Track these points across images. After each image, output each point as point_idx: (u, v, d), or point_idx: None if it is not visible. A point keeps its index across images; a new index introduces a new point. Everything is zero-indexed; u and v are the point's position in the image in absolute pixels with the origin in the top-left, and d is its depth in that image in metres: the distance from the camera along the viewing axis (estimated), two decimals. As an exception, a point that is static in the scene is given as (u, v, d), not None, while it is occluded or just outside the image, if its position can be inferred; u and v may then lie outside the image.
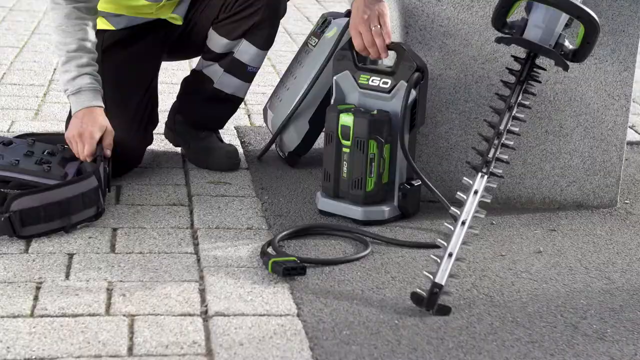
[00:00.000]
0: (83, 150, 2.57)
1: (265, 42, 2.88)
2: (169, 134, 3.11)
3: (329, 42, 2.90)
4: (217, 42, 2.89)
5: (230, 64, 2.90)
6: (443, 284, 2.10)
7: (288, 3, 2.94)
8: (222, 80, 2.92)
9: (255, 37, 2.85)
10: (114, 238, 2.42)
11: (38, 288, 2.12)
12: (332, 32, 2.92)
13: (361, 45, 2.57)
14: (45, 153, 2.62)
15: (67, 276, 2.19)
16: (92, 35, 2.63)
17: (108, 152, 2.60)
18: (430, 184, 2.62)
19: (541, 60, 2.52)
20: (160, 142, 3.17)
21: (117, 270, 2.23)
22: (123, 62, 2.83)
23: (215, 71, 2.93)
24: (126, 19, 2.85)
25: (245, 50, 2.88)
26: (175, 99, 3.11)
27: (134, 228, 2.49)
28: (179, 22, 2.91)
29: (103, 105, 2.63)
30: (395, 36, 2.77)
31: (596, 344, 2.02)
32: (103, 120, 2.60)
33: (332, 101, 2.65)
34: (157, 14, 2.87)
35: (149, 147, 2.97)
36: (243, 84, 2.93)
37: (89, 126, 2.57)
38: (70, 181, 2.45)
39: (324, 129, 2.63)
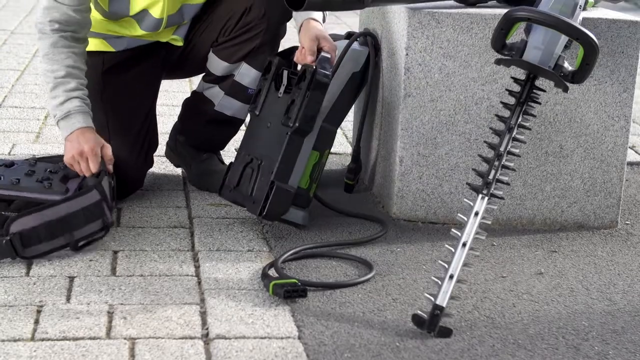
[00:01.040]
0: (87, 167, 2.56)
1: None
2: (170, 154, 3.11)
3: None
4: (217, 65, 2.90)
5: (231, 86, 2.90)
6: (444, 305, 2.10)
7: (287, 24, 2.95)
8: (223, 102, 2.93)
9: (256, 61, 2.85)
10: (114, 261, 2.42)
11: (39, 311, 2.12)
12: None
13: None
14: (46, 171, 2.62)
15: (68, 299, 2.19)
16: (80, 62, 2.64)
17: (110, 168, 2.59)
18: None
19: (541, 82, 2.53)
20: (160, 165, 3.17)
21: (118, 293, 2.23)
22: (124, 85, 2.84)
23: (216, 93, 2.93)
24: (126, 40, 2.86)
25: (245, 73, 2.88)
26: (176, 120, 3.11)
27: (135, 251, 2.49)
28: (180, 43, 2.91)
29: (93, 127, 2.62)
30: (395, 58, 2.78)
31: (598, 366, 2.01)
32: (98, 137, 2.60)
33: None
34: (157, 38, 2.88)
35: (149, 170, 2.97)
36: (244, 106, 2.94)
37: (86, 144, 2.56)
38: (69, 197, 2.44)
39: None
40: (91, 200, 2.44)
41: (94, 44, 2.81)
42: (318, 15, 2.74)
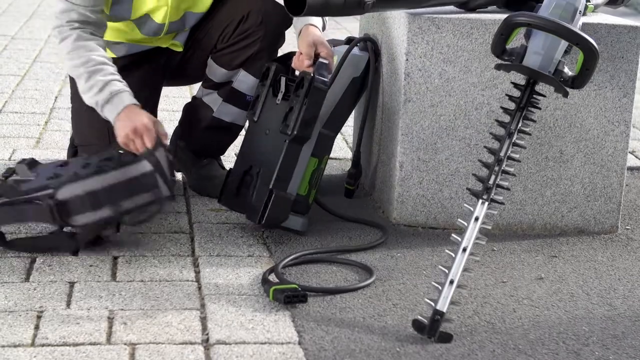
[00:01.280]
0: (143, 144, 2.51)
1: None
2: (171, 158, 3.11)
3: (331, 70, 2.91)
4: (216, 71, 2.90)
5: (229, 93, 2.91)
6: (444, 311, 2.10)
7: (287, 31, 2.95)
8: (221, 109, 2.93)
9: (254, 68, 2.85)
10: (115, 266, 2.42)
11: (39, 317, 2.12)
12: (334, 59, 2.93)
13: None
14: (101, 160, 2.56)
15: (68, 305, 2.19)
16: (104, 53, 2.64)
17: (167, 142, 2.55)
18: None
19: (541, 87, 2.52)
20: (161, 170, 3.17)
21: (118, 299, 2.23)
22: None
23: (214, 100, 2.94)
24: (126, 46, 2.86)
25: (243, 80, 2.89)
26: (176, 125, 3.11)
27: (135, 256, 2.49)
28: (180, 49, 2.92)
29: (138, 103, 2.59)
30: (395, 63, 2.79)
31: (598, 371, 2.01)
32: (147, 113, 2.57)
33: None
34: (157, 43, 2.88)
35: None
36: (242, 113, 2.94)
37: (139, 120, 2.53)
38: (116, 166, 2.40)
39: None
40: (141, 171, 2.39)
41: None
42: (317, 21, 2.75)
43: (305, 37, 2.67)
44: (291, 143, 2.60)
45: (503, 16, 2.42)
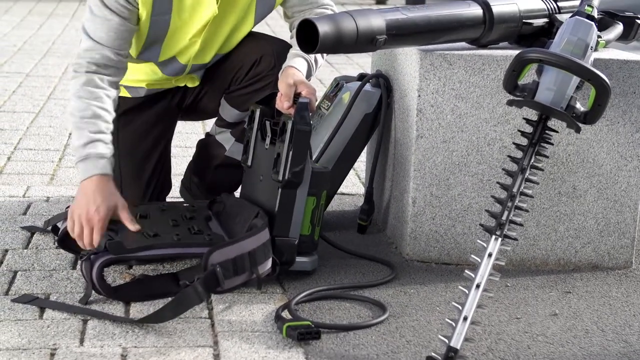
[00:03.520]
0: (90, 238, 2.44)
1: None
2: (185, 193, 3.12)
3: (344, 106, 2.91)
4: (228, 111, 2.92)
5: (242, 133, 2.92)
6: (458, 347, 2.09)
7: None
8: (233, 148, 2.95)
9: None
10: (128, 304, 2.42)
11: (52, 355, 2.12)
12: (346, 95, 2.95)
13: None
14: (187, 219, 2.60)
15: (82, 342, 2.19)
16: (110, 105, 2.58)
17: (132, 227, 2.48)
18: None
19: (553, 122, 2.53)
20: (174, 206, 3.17)
21: (132, 336, 2.23)
22: (138, 129, 2.85)
23: (227, 139, 2.95)
24: (145, 90, 2.86)
25: (256, 121, 2.90)
26: (190, 160, 3.12)
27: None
28: (197, 83, 2.92)
29: (111, 174, 2.53)
30: (407, 99, 2.80)
31: (614, 409, 2.00)
32: (110, 195, 2.49)
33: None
34: (176, 83, 2.89)
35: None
36: (254, 152, 2.94)
37: (94, 206, 2.45)
38: (253, 232, 2.41)
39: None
40: (266, 238, 2.42)
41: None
42: (300, 63, 2.69)
43: (285, 78, 2.62)
44: (284, 189, 2.55)
45: (515, 52, 2.43)
